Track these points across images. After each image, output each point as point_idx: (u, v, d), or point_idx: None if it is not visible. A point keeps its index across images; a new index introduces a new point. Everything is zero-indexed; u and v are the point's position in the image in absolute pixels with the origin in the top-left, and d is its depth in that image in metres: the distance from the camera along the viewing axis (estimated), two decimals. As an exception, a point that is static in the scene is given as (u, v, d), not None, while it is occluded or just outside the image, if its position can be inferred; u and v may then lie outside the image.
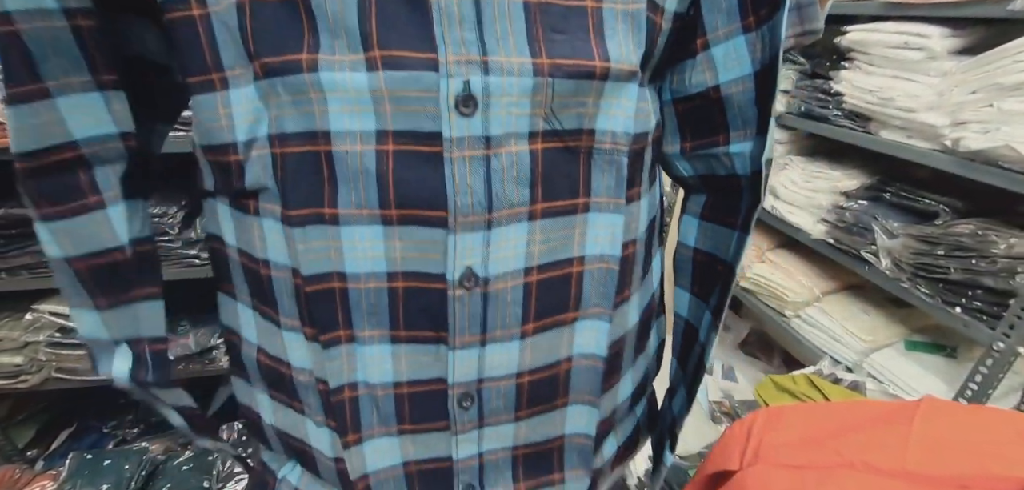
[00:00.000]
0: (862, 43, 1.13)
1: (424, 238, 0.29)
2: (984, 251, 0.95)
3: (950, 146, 0.98)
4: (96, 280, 0.33)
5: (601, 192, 0.32)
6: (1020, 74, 0.87)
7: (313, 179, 0.29)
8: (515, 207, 0.30)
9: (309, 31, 0.26)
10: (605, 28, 0.28)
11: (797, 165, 1.39)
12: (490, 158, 0.28)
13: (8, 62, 0.28)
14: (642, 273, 0.39)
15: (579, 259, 0.33)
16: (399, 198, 0.28)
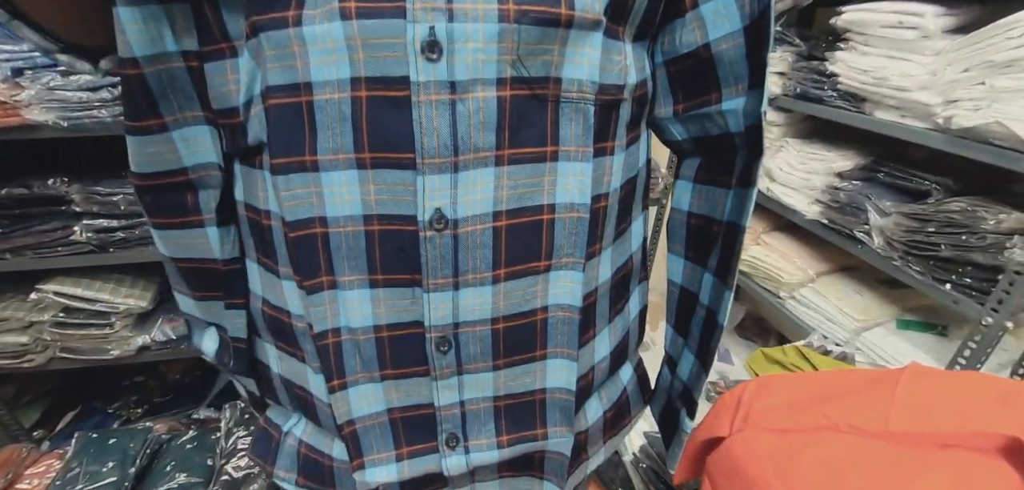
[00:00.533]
0: (857, 23, 1.13)
1: (395, 180, 0.30)
2: (974, 227, 0.96)
3: (942, 124, 0.99)
4: (194, 278, 0.39)
5: (569, 141, 0.33)
6: (1012, 51, 0.87)
7: (296, 128, 0.30)
8: (481, 151, 0.31)
9: None
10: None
11: (793, 147, 1.40)
12: (455, 103, 0.29)
13: (132, 98, 0.31)
14: (615, 229, 0.40)
15: (549, 207, 0.34)
16: (372, 142, 0.30)
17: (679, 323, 0.48)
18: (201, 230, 0.36)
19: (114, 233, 1.07)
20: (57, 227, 1.06)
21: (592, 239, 0.36)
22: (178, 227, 0.36)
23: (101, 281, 1.17)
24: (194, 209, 0.36)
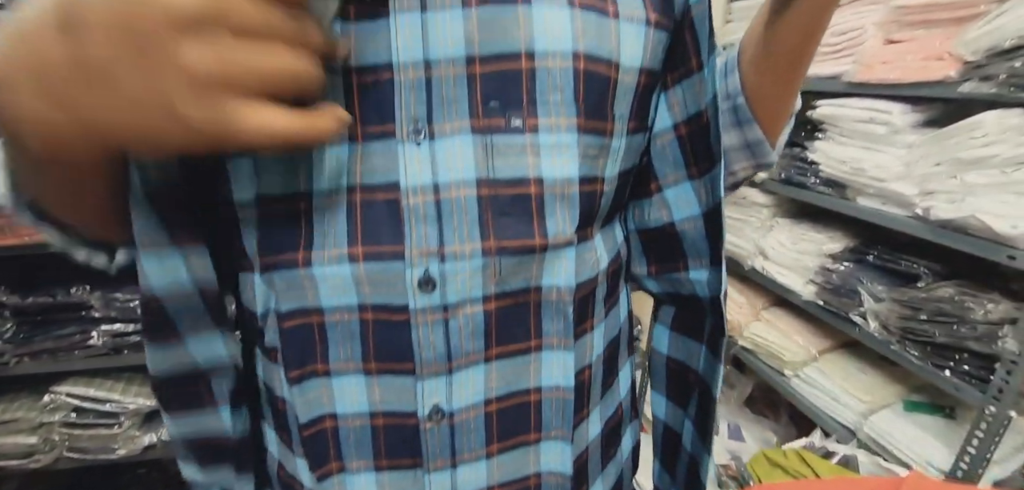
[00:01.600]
0: (832, 117, 1.20)
1: (398, 385, 0.35)
2: (964, 317, 0.97)
3: (922, 214, 1.02)
4: (204, 452, 0.40)
5: (551, 334, 0.37)
6: (978, 150, 0.92)
7: (308, 343, 0.35)
8: (471, 355, 0.35)
9: (305, 233, 0.33)
10: (545, 209, 0.34)
11: (783, 227, 1.44)
12: (448, 320, 0.34)
13: (149, 317, 0.35)
14: (602, 390, 0.43)
15: (536, 389, 0.38)
16: (377, 355, 0.34)
17: (665, 460, 0.50)
18: (214, 411, 0.39)
19: (129, 336, 1.12)
20: (75, 332, 1.11)
21: (579, 409, 0.40)
22: (193, 414, 0.39)
23: (112, 381, 1.21)
24: (207, 395, 0.39)
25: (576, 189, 0.35)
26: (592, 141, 0.35)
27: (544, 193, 0.34)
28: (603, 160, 0.37)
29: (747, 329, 1.56)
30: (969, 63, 0.92)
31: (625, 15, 0.35)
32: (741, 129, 0.43)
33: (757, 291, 1.59)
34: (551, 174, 0.34)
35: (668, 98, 0.40)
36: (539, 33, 0.32)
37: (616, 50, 0.34)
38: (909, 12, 1.03)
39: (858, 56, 1.13)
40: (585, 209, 0.36)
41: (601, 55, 0.33)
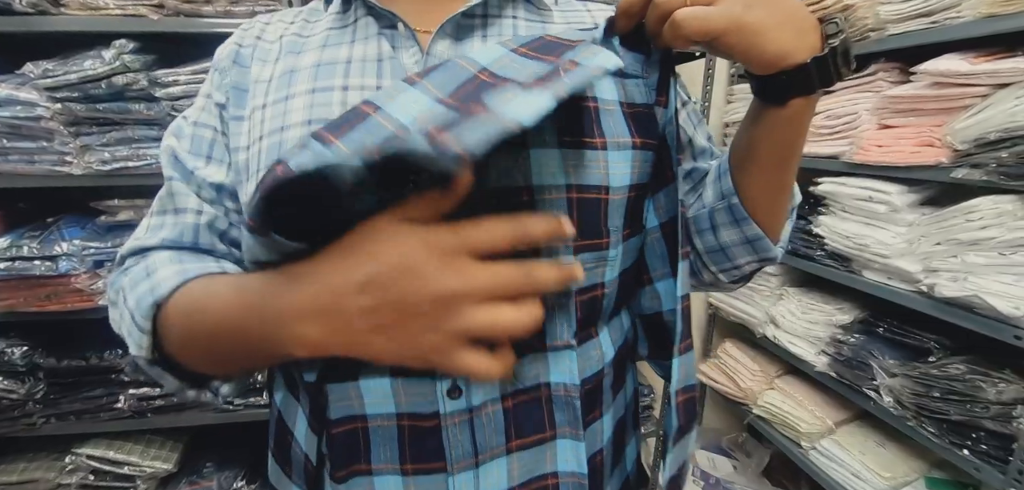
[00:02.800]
0: (834, 194, 1.25)
1: (431, 482, 0.38)
2: (977, 396, 0.97)
3: (927, 291, 1.05)
4: None
5: (563, 425, 0.40)
6: (975, 231, 0.96)
7: (354, 447, 0.39)
8: (495, 449, 0.39)
9: None
10: (547, 327, 0.40)
11: (793, 296, 1.46)
12: (473, 419, 0.38)
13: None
14: (611, 468, 0.46)
15: (553, 475, 0.41)
16: (412, 457, 0.38)
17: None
18: None
19: (154, 400, 1.15)
20: (103, 395, 1.14)
21: (593, 489, 0.43)
22: None
23: (132, 443, 1.23)
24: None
25: (573, 301, 0.40)
26: (588, 256, 0.40)
27: (547, 306, 0.38)
28: (602, 269, 0.41)
29: (761, 397, 1.55)
30: (959, 151, 0.98)
31: (612, 143, 0.40)
32: (739, 226, 0.46)
33: (770, 359, 1.59)
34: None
35: (654, 202, 0.45)
36: (536, 172, 0.37)
37: (605, 176, 0.40)
38: (899, 101, 1.10)
39: (854, 139, 1.20)
40: (584, 316, 0.41)
41: (591, 183, 0.39)
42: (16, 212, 1.12)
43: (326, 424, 0.39)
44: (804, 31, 0.35)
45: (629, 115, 0.42)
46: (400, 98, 0.31)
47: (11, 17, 0.91)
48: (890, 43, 1.13)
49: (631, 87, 0.42)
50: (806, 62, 0.35)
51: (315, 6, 0.49)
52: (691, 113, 0.53)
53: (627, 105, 0.42)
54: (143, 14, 0.92)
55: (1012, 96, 0.90)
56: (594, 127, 0.40)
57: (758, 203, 0.44)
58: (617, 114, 0.41)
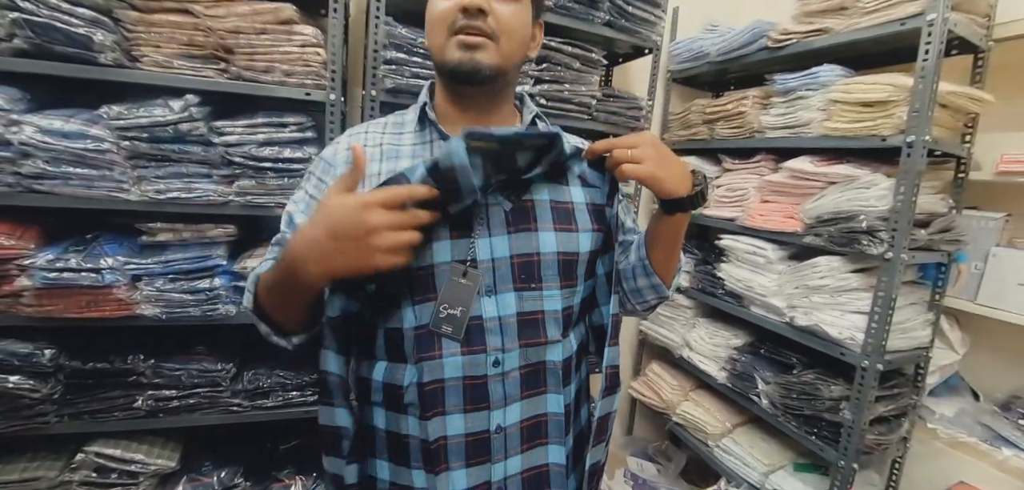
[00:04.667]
0: (730, 248, 1.67)
1: (480, 415, 0.65)
2: (818, 396, 1.39)
3: (789, 321, 1.47)
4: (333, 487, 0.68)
5: (553, 385, 0.69)
6: (817, 280, 1.39)
7: (438, 397, 0.64)
8: (514, 396, 0.66)
9: (439, 343, 0.64)
10: (547, 325, 0.67)
11: (702, 325, 1.87)
12: (504, 379, 0.66)
13: (321, 387, 0.65)
14: (574, 418, 0.74)
15: (543, 415, 0.69)
16: (470, 401, 0.65)
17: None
18: (342, 464, 0.66)
19: (170, 401, 1.28)
20: (120, 396, 1.26)
21: (566, 428, 0.71)
22: (332, 458, 0.66)
23: (137, 442, 1.33)
24: (339, 451, 0.66)
25: (560, 315, 0.68)
26: (567, 291, 0.68)
27: (546, 317, 0.67)
28: (573, 297, 0.69)
29: (679, 407, 1.93)
30: (807, 224, 1.42)
31: (581, 228, 0.69)
32: (648, 277, 0.75)
33: (686, 375, 1.98)
34: (549, 307, 0.67)
35: (602, 261, 0.72)
36: (541, 244, 0.66)
37: (577, 247, 0.69)
38: (773, 186, 1.54)
39: (744, 208, 1.63)
40: (564, 323, 0.69)
41: (569, 250, 0.68)
42: (48, 227, 1.23)
43: (421, 387, 0.64)
44: (684, 179, 0.67)
45: (591, 211, 0.71)
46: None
47: (94, 67, 1.08)
48: (768, 143, 1.58)
49: (593, 193, 0.71)
50: (684, 196, 0.67)
51: (397, 120, 0.76)
52: (627, 206, 0.86)
53: (590, 205, 0.71)
54: (211, 76, 1.13)
55: (838, 191, 1.35)
56: (573, 220, 0.69)
57: (659, 265, 0.74)
58: (585, 211, 0.70)
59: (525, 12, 0.67)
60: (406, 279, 0.64)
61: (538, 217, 0.67)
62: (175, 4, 1.13)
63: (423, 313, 0.64)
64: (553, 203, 0.68)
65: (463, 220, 0.64)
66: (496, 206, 0.65)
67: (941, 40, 1.14)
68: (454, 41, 0.64)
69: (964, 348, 1.51)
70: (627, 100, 1.64)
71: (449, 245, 0.64)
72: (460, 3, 0.63)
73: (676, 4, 1.93)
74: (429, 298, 0.64)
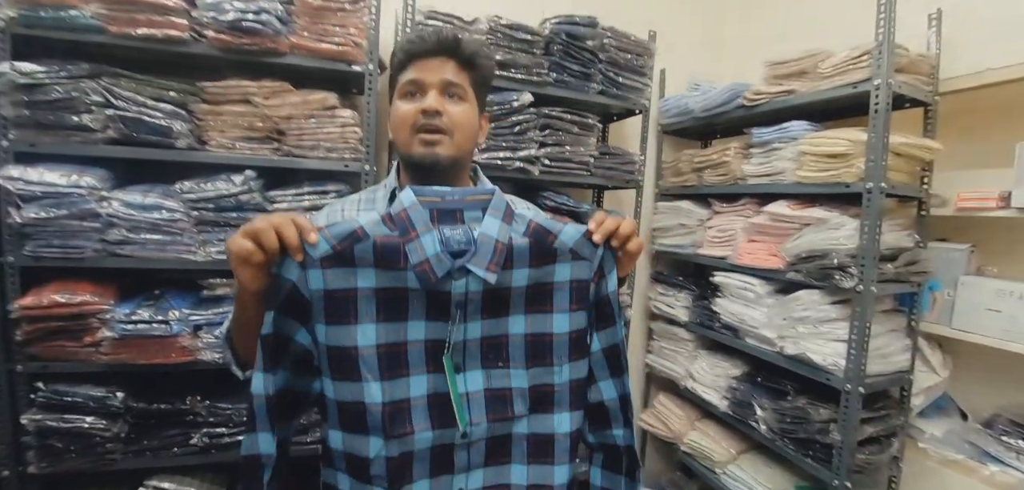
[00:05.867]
0: (724, 284, 1.82)
1: (445, 482, 0.67)
2: (809, 420, 1.50)
3: (779, 351, 1.60)
4: None
5: (518, 456, 0.69)
6: (801, 312, 1.53)
7: (406, 468, 0.64)
8: (479, 464, 0.68)
9: (411, 421, 0.64)
10: (514, 402, 0.68)
11: (703, 356, 1.99)
12: (470, 447, 0.67)
13: (247, 413, 0.61)
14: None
15: (507, 485, 0.69)
16: (437, 471, 0.67)
17: None
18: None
19: (222, 438, 1.43)
20: (177, 433, 1.42)
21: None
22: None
23: (190, 476, 1.48)
24: (259, 482, 0.62)
25: (526, 391, 0.68)
26: (539, 370, 0.68)
27: (513, 395, 0.68)
28: (550, 376, 0.68)
29: (686, 437, 2.03)
30: (789, 262, 1.57)
31: (557, 310, 0.68)
32: None
33: (691, 406, 2.09)
34: (516, 385, 0.68)
35: (600, 336, 0.71)
36: (511, 326, 0.67)
37: (549, 328, 0.68)
38: (757, 228, 1.71)
39: (733, 247, 1.79)
40: (534, 400, 0.68)
41: (540, 332, 0.68)
42: (123, 285, 1.43)
43: (388, 461, 0.62)
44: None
45: (573, 287, 0.68)
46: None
47: (171, 150, 1.31)
48: (750, 189, 1.76)
49: (580, 266, 0.69)
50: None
51: (370, 196, 0.89)
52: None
53: (574, 281, 0.68)
54: (266, 154, 1.35)
55: (812, 231, 1.51)
56: (549, 301, 0.68)
57: None
58: (565, 289, 0.68)
59: (472, 110, 0.81)
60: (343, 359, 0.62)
61: (511, 301, 0.67)
62: (239, 96, 1.36)
63: (395, 389, 0.63)
64: (530, 287, 0.68)
65: (441, 308, 0.64)
66: (474, 296, 0.65)
67: (887, 100, 1.33)
68: (417, 138, 0.77)
69: (946, 370, 1.63)
70: (621, 156, 1.83)
71: (424, 325, 0.64)
72: (420, 107, 0.76)
73: (663, 66, 2.15)
74: (400, 374, 0.64)
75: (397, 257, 0.62)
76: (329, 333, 0.61)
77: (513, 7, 1.63)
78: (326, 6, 1.36)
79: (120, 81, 1.29)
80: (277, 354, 0.61)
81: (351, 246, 0.61)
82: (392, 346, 0.63)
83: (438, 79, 0.77)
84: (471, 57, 0.79)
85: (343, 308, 0.61)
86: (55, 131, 1.27)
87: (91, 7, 1.23)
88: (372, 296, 0.62)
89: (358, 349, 0.61)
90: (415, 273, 0.62)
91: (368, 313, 0.62)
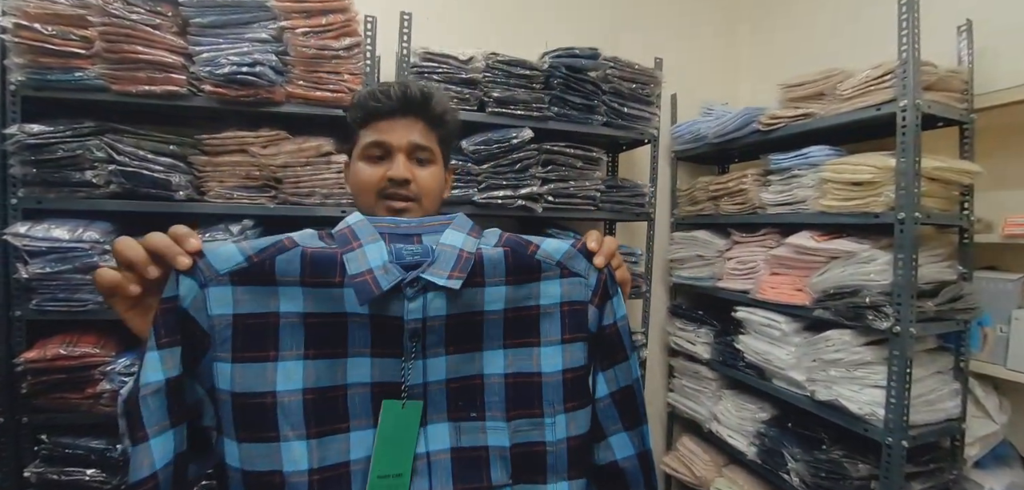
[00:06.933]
0: (746, 320, 1.70)
1: None
2: (846, 475, 1.36)
3: (810, 395, 1.46)
4: None
5: None
6: (832, 353, 1.40)
7: None
8: None
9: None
10: (491, 466, 0.52)
11: (728, 397, 1.85)
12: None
13: (131, 421, 0.44)
14: None
15: None
16: None
17: None
18: None
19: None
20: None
21: None
22: None
23: None
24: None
25: (508, 453, 0.53)
26: (523, 422, 0.53)
27: (490, 455, 0.52)
28: (539, 431, 0.53)
29: (713, 484, 1.88)
30: (815, 298, 1.44)
31: (545, 341, 0.54)
32: None
33: (717, 450, 1.94)
34: (495, 442, 0.53)
35: (605, 376, 0.57)
36: (486, 365, 0.53)
37: (537, 366, 0.54)
38: (780, 260, 1.59)
39: (755, 280, 1.67)
40: (522, 465, 0.53)
41: (524, 372, 0.54)
42: (122, 336, 1.43)
43: None
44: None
45: (566, 312, 0.55)
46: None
47: (171, 202, 1.32)
48: (770, 218, 1.64)
49: (574, 284, 0.56)
50: None
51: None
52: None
53: (566, 304, 0.55)
54: (264, 202, 1.34)
55: (840, 265, 1.39)
56: (535, 330, 0.55)
57: None
58: (555, 315, 0.55)
59: (439, 171, 0.74)
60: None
61: (485, 331, 0.54)
62: (236, 146, 1.36)
63: (327, 451, 0.49)
64: (509, 312, 0.54)
65: (391, 338, 0.51)
66: (435, 322, 0.52)
67: (916, 121, 1.22)
68: (382, 204, 0.69)
69: (1004, 415, 1.45)
70: (630, 188, 1.76)
71: (369, 363, 0.50)
72: (387, 174, 0.68)
73: (673, 91, 2.08)
74: (336, 429, 0.49)
75: (332, 270, 0.49)
76: (237, 375, 0.47)
77: (511, 43, 1.60)
78: (321, 54, 1.36)
79: (122, 137, 1.32)
80: (179, 408, 0.46)
81: (272, 258, 0.47)
82: (325, 391, 0.49)
83: (405, 142, 0.70)
84: (440, 116, 0.73)
85: (258, 339, 0.47)
86: (60, 188, 1.30)
87: (96, 67, 1.27)
88: (299, 324, 0.48)
89: (276, 396, 0.47)
90: (354, 287, 0.48)
91: (293, 346, 0.48)
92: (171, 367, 0.45)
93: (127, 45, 1.25)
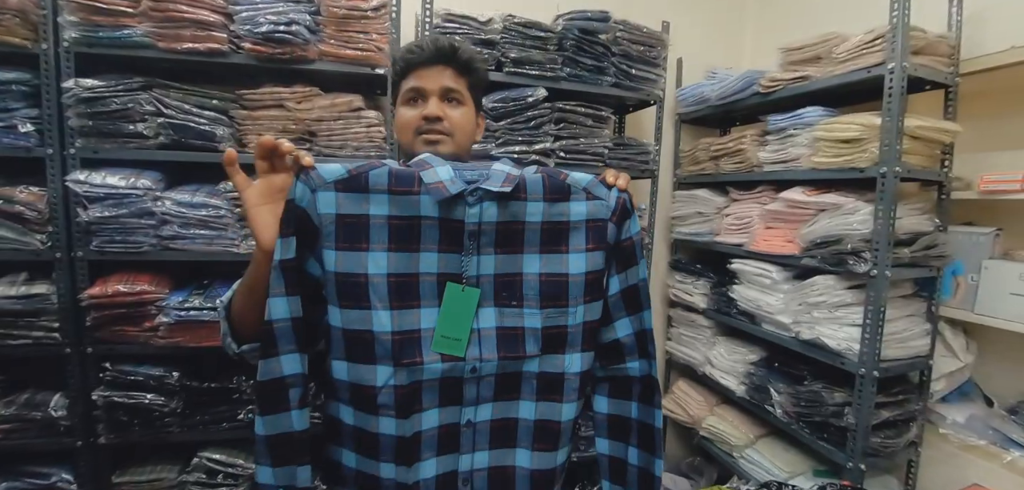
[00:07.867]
0: (741, 270, 1.84)
1: (454, 411, 0.67)
2: (824, 403, 1.52)
3: (795, 336, 1.61)
4: (277, 449, 0.61)
5: (526, 393, 0.69)
6: (816, 298, 1.54)
7: (416, 398, 0.64)
8: (487, 398, 0.68)
9: (421, 350, 0.64)
10: (526, 341, 0.67)
11: (721, 343, 2.01)
12: (479, 381, 0.67)
13: (264, 340, 0.60)
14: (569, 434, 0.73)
15: (514, 418, 0.70)
16: (446, 401, 0.67)
17: (614, 478, 0.76)
18: (287, 414, 0.60)
19: (265, 414, 1.57)
20: (226, 409, 1.56)
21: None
22: (274, 413, 0.60)
23: (238, 450, 1.63)
24: (286, 401, 0.60)
25: (540, 332, 0.67)
26: (553, 311, 0.68)
27: (525, 334, 0.67)
28: (564, 317, 0.68)
29: (705, 421, 2.06)
30: (804, 248, 1.58)
31: (572, 249, 0.68)
32: None
33: (709, 391, 2.12)
34: (529, 324, 0.67)
35: (618, 278, 0.71)
36: (525, 266, 0.67)
37: (565, 268, 0.68)
38: (774, 214, 1.71)
39: (750, 234, 1.80)
40: (548, 340, 0.68)
41: (555, 272, 0.68)
42: (174, 276, 1.58)
43: (397, 390, 0.63)
44: None
45: (590, 227, 0.69)
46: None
47: (215, 153, 1.43)
48: (766, 176, 1.76)
49: (596, 206, 0.69)
50: None
51: None
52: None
53: (590, 221, 0.69)
54: (299, 154, 1.47)
55: (827, 217, 1.52)
56: (565, 240, 0.68)
57: None
58: (582, 229, 0.69)
59: (470, 112, 0.84)
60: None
61: (525, 240, 0.67)
62: (273, 101, 1.47)
63: (404, 319, 0.63)
64: (545, 224, 0.68)
65: (454, 237, 0.64)
66: (488, 227, 0.65)
67: (902, 84, 1.32)
68: (420, 139, 0.80)
69: (970, 356, 1.60)
70: (636, 147, 1.87)
71: (436, 257, 0.64)
72: (423, 113, 0.79)
73: (680, 55, 2.16)
74: (411, 305, 0.63)
75: (412, 182, 0.62)
76: (339, 259, 0.61)
77: (527, 5, 1.68)
78: (350, 14, 1.45)
79: (169, 92, 1.42)
80: (294, 281, 0.60)
81: (366, 172, 0.62)
82: (403, 276, 0.63)
83: (437, 86, 0.80)
84: (467, 63, 0.82)
85: (354, 234, 0.61)
86: (114, 138, 1.41)
87: (142, 26, 1.36)
88: (384, 224, 0.62)
89: (368, 277, 0.61)
90: (430, 193, 0.62)
91: (380, 241, 0.62)
92: (287, 251, 0.60)
93: (172, 4, 1.34)
